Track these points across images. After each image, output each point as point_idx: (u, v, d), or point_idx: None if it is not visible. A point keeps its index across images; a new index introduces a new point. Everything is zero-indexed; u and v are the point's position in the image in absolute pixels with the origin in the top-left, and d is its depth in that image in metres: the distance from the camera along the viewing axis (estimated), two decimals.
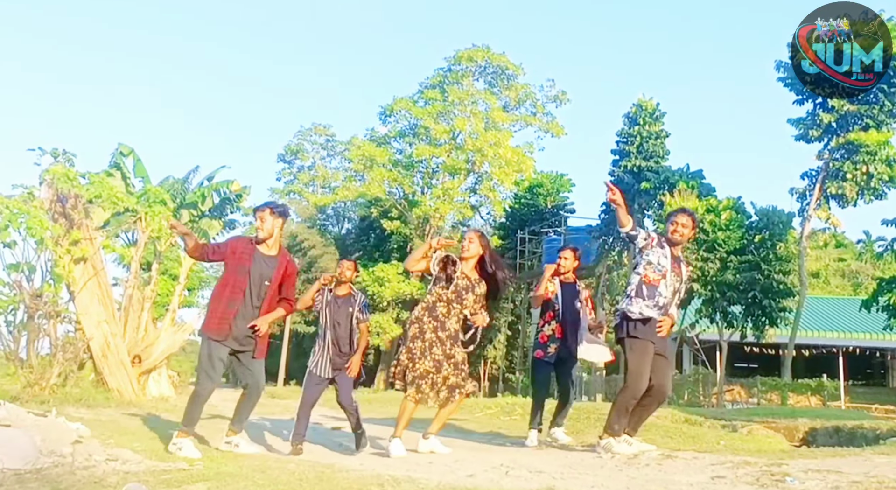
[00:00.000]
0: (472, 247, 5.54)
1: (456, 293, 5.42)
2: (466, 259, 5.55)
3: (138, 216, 11.97)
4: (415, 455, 5.34)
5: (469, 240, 5.57)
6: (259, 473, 3.72)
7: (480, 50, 34.44)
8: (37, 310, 9.46)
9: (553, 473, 4.33)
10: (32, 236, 9.26)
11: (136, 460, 4.01)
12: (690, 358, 26.93)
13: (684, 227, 5.47)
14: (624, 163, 27.00)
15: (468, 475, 4.20)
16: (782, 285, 21.45)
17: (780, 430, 8.36)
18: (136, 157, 20.60)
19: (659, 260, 5.42)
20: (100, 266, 10.52)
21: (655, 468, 4.55)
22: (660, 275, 5.39)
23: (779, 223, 21.94)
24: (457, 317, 5.45)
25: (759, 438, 7.53)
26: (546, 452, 5.74)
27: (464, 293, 5.43)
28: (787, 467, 4.27)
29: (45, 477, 3.40)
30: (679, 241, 5.50)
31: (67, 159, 10.36)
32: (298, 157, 46.79)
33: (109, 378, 10.36)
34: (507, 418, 9.75)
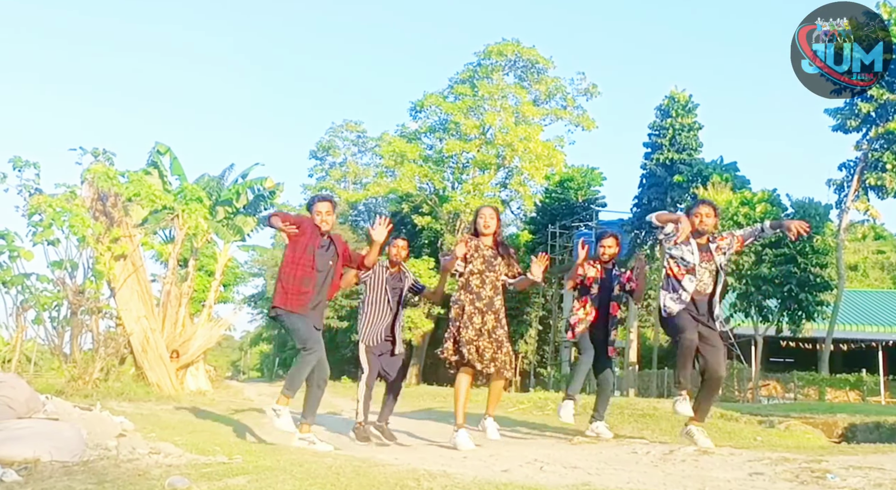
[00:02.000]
0: (492, 223, 5.81)
1: (484, 262, 5.69)
2: (487, 235, 5.81)
3: (175, 213, 12.17)
4: (450, 450, 5.37)
5: (490, 217, 5.81)
6: (297, 467, 3.76)
7: (510, 44, 34.29)
8: (79, 306, 9.68)
9: (588, 469, 4.31)
10: (75, 234, 9.47)
11: (178, 454, 4.08)
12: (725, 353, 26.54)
13: (708, 217, 5.56)
14: (656, 156, 26.71)
15: (503, 470, 4.20)
16: (819, 278, 21.06)
17: (818, 425, 8.21)
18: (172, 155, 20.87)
19: (683, 255, 5.52)
20: (139, 263, 10.73)
21: (692, 464, 4.50)
22: (685, 269, 5.50)
23: (816, 215, 21.55)
24: (492, 285, 5.66)
25: (797, 434, 7.41)
26: (581, 447, 5.71)
27: (493, 261, 5.72)
28: (827, 464, 4.20)
29: (91, 469, 3.48)
30: (704, 231, 5.57)
31: (107, 158, 10.58)
32: (330, 153, 47.11)
33: (149, 372, 10.57)
34: (539, 413, 9.73)
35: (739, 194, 22.11)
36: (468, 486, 3.35)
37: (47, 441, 3.64)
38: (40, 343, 9.78)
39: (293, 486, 3.22)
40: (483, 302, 5.59)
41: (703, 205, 5.67)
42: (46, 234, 9.25)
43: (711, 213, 5.58)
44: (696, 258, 5.50)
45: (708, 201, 5.79)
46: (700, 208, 5.62)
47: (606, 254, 6.54)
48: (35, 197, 9.37)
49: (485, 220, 5.80)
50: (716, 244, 5.68)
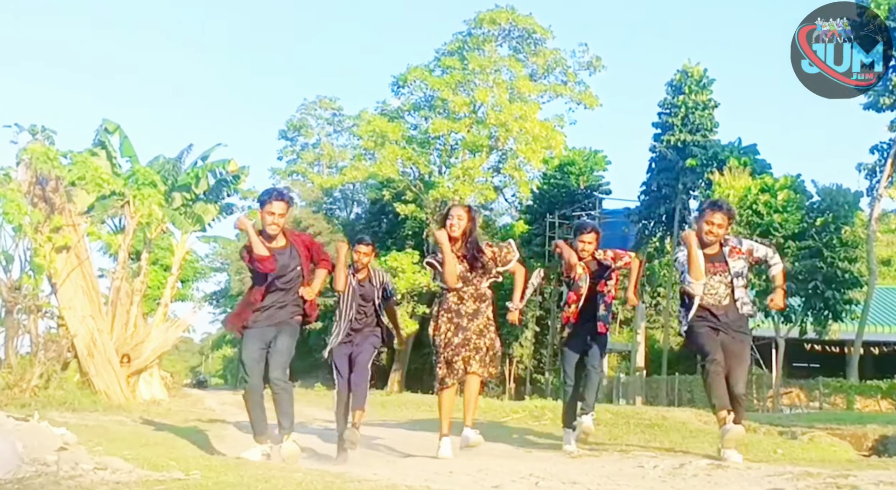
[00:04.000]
0: (460, 224, 5.79)
1: (461, 278, 5.75)
2: (455, 238, 5.80)
3: (126, 200, 12.10)
4: (434, 463, 5.38)
5: (458, 218, 5.80)
6: (262, 483, 3.75)
7: (504, 11, 34.25)
8: (15, 304, 9.61)
9: (588, 484, 4.32)
10: (9, 222, 9.40)
11: (127, 469, 4.05)
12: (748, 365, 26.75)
13: (719, 228, 5.53)
14: (667, 137, 26.78)
15: (494, 486, 4.21)
16: (848, 274, 21.22)
17: (845, 437, 8.27)
18: (122, 134, 20.67)
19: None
20: (84, 255, 10.66)
21: (704, 479, 4.52)
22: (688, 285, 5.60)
23: (844, 204, 21.68)
24: (472, 297, 5.76)
25: (822, 447, 7.47)
26: (581, 461, 5.74)
27: (468, 275, 5.77)
28: (855, 479, 4.23)
29: (27, 487, 3.45)
30: (711, 242, 5.55)
31: (47, 137, 10.48)
32: (302, 133, 46.99)
33: (96, 379, 10.52)
34: (536, 423, 9.76)
35: (759, 180, 22.20)
36: None
37: None
38: None
39: None
40: (465, 318, 5.72)
41: (717, 213, 5.54)
42: None
43: (724, 224, 5.53)
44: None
45: (723, 207, 5.64)
46: (713, 217, 5.52)
47: (585, 250, 6.37)
48: None
49: (452, 221, 5.78)
50: (729, 248, 5.64)
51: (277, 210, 5.21)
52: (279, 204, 5.24)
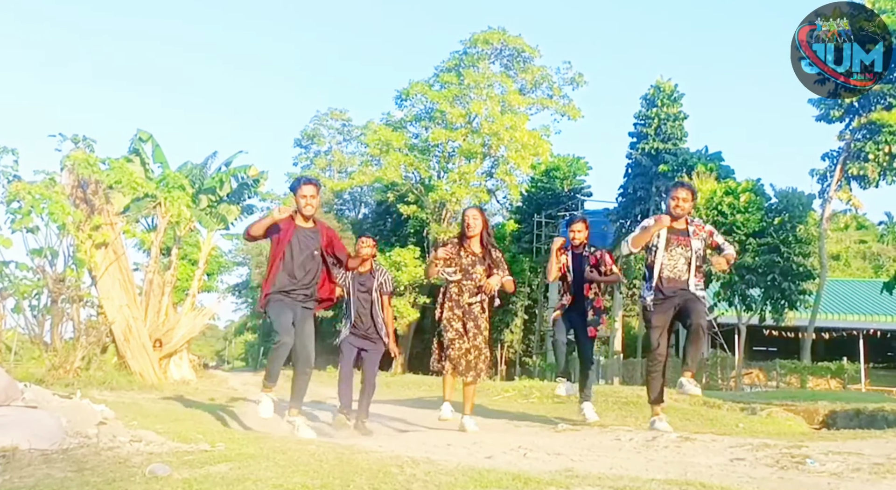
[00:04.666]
0: (476, 224, 5.86)
1: (462, 271, 5.80)
2: (472, 237, 5.87)
3: (157, 201, 12.07)
4: (434, 437, 5.39)
5: (473, 217, 5.87)
6: (280, 454, 3.75)
7: (496, 32, 34.16)
8: (60, 294, 9.59)
9: (571, 455, 4.33)
10: (54, 221, 9.37)
11: (160, 442, 4.05)
12: (708, 342, 26.77)
13: (685, 202, 5.62)
14: (642, 145, 26.76)
15: (486, 457, 4.22)
16: (802, 268, 21.24)
17: (799, 412, 8.29)
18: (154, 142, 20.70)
19: (654, 240, 5.59)
20: (121, 251, 10.63)
21: (674, 450, 4.54)
22: (651, 255, 5.61)
23: (799, 205, 21.68)
24: (469, 292, 5.80)
25: (779, 421, 7.49)
26: (565, 435, 5.75)
27: (470, 269, 5.81)
28: (807, 449, 4.25)
29: (71, 457, 3.45)
30: (680, 214, 5.62)
31: (87, 145, 10.46)
32: (315, 141, 46.88)
33: (131, 361, 10.50)
34: (524, 401, 9.77)
35: (724, 184, 22.19)
36: (451, 472, 3.36)
37: (26, 429, 3.61)
38: (20, 332, 9.69)
39: (275, 473, 3.21)
40: (462, 309, 5.76)
41: (681, 189, 5.69)
42: (25, 222, 9.14)
43: (689, 197, 5.63)
44: (662, 242, 5.53)
45: (686, 185, 5.83)
46: (678, 192, 5.65)
47: (577, 238, 6.65)
48: (13, 184, 9.25)
49: (468, 220, 5.86)
50: (694, 228, 5.69)
51: (308, 192, 5.32)
52: (309, 187, 5.34)
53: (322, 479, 3.11)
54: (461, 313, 5.75)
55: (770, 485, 3.35)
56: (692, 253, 5.59)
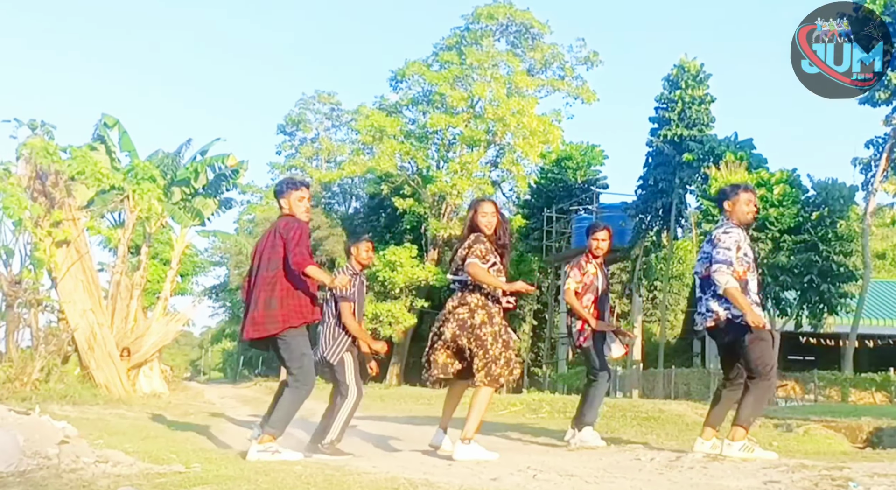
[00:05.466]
0: (494, 220, 5.71)
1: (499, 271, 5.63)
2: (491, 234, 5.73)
3: (125, 194, 12.08)
4: (434, 456, 5.39)
5: (493, 214, 5.71)
6: (262, 476, 3.76)
7: (502, 6, 34.17)
8: (16, 298, 9.60)
9: (585, 477, 4.33)
10: (10, 217, 9.38)
11: (129, 462, 4.06)
12: None
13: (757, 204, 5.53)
14: (664, 131, 26.74)
15: (492, 479, 4.22)
16: (843, 268, 21.24)
17: (840, 429, 8.30)
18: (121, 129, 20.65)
19: (746, 250, 5.29)
20: (84, 249, 10.65)
21: (700, 471, 4.54)
22: (746, 266, 5.26)
23: (839, 198, 21.67)
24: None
25: (817, 439, 7.50)
26: (578, 454, 5.75)
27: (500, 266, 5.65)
28: (849, 471, 4.25)
29: (29, 480, 3.45)
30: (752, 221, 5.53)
31: (47, 132, 10.45)
32: (300, 128, 46.88)
33: (96, 372, 10.51)
34: (533, 416, 9.79)
35: (755, 175, 22.17)
36: None
37: None
38: None
39: None
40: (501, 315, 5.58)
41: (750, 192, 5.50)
42: None
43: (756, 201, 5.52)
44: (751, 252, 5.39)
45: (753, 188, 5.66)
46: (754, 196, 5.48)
47: (601, 248, 6.56)
48: None
49: (487, 218, 5.64)
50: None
51: (306, 196, 5.51)
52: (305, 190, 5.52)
53: None
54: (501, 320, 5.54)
55: None
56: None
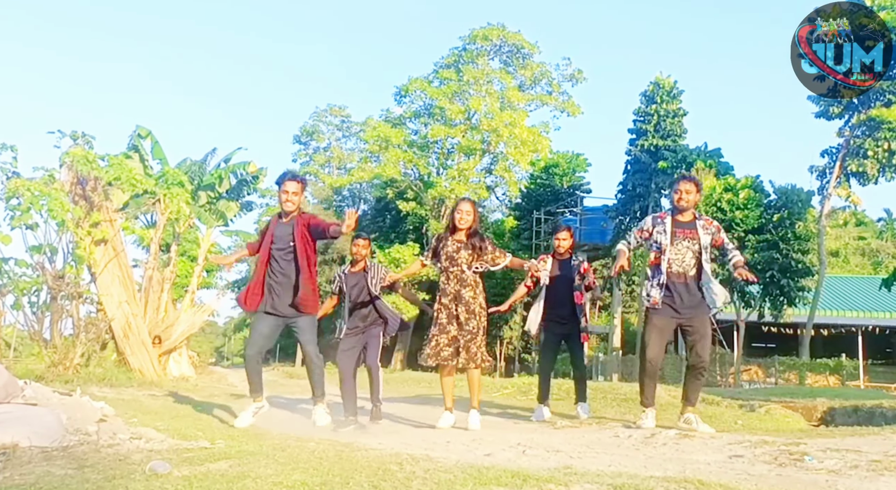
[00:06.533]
0: (468, 219, 5.84)
1: (448, 259, 5.78)
2: (462, 230, 5.86)
3: (157, 198, 12.05)
4: (433, 434, 5.40)
5: (466, 212, 5.84)
6: (279, 452, 3.77)
7: (495, 28, 34.12)
8: (59, 291, 9.58)
9: (570, 452, 4.34)
10: (54, 218, 9.35)
11: (160, 439, 4.07)
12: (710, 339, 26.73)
13: (688, 194, 5.59)
14: (641, 142, 26.75)
15: (486, 454, 4.23)
16: (801, 264, 21.27)
17: (798, 409, 8.30)
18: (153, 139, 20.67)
19: (657, 238, 5.55)
20: (120, 247, 10.63)
21: (673, 447, 4.55)
22: (658, 251, 5.57)
23: (798, 202, 21.70)
24: (456, 278, 5.74)
25: (777, 418, 7.50)
26: (563, 432, 5.76)
27: (455, 255, 5.78)
28: (805, 446, 4.26)
29: (71, 454, 3.46)
30: (685, 207, 5.61)
31: (86, 142, 10.43)
32: (314, 138, 46.83)
33: (131, 358, 10.50)
34: (523, 398, 9.79)
35: (723, 180, 22.19)
36: (451, 469, 3.37)
37: (26, 426, 3.62)
38: (20, 328, 9.66)
39: (275, 470, 3.22)
40: (448, 297, 5.71)
41: (685, 181, 5.65)
42: (24, 219, 9.13)
43: (693, 189, 5.60)
44: (667, 238, 5.50)
45: (690, 177, 5.77)
46: (681, 185, 5.62)
47: (562, 246, 6.81)
48: (12, 180, 9.23)
49: (461, 215, 5.83)
50: (702, 222, 5.68)
51: (290, 188, 5.31)
52: (292, 183, 5.33)
53: (322, 476, 3.12)
54: (448, 302, 5.68)
55: (768, 482, 3.36)
56: (700, 246, 5.56)
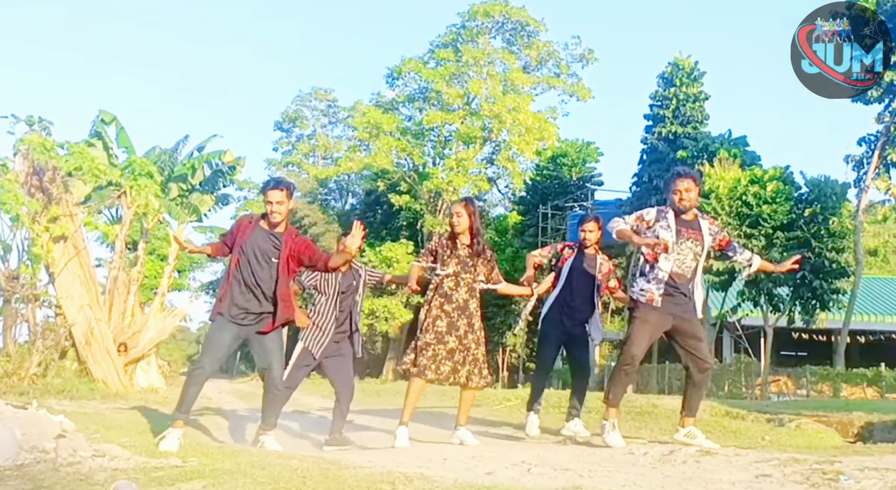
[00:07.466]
0: (462, 221, 5.83)
1: (461, 263, 5.75)
2: (461, 233, 5.85)
3: (122, 190, 12.05)
4: (428, 451, 5.39)
5: (457, 214, 5.86)
6: (258, 470, 3.76)
7: (498, 3, 34.12)
8: (13, 293, 9.57)
9: (579, 471, 4.34)
10: (7, 213, 9.36)
11: (125, 456, 4.06)
12: (732, 345, 26.85)
13: (688, 192, 5.60)
14: (658, 129, 26.78)
15: (487, 473, 4.23)
16: (835, 264, 21.31)
17: (832, 424, 8.31)
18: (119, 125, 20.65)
19: (659, 233, 5.55)
20: (81, 245, 10.61)
21: (693, 466, 4.55)
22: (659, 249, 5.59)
23: (832, 195, 21.73)
24: (467, 286, 5.74)
25: (809, 433, 7.51)
26: (572, 448, 5.77)
27: (468, 262, 5.77)
28: (840, 465, 4.26)
29: (26, 474, 3.45)
30: (687, 207, 5.62)
31: (44, 128, 10.42)
32: (297, 124, 46.85)
33: (94, 367, 10.49)
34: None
35: (749, 172, 22.22)
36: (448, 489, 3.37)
37: None
38: None
39: None
40: (454, 305, 5.68)
41: (683, 180, 5.63)
42: None
43: (692, 187, 5.60)
44: (672, 235, 5.53)
45: (686, 173, 5.75)
46: (679, 184, 5.60)
47: (588, 239, 6.67)
48: None
49: (452, 218, 5.86)
50: (705, 222, 5.72)
51: (274, 198, 5.23)
52: (275, 193, 5.24)
53: None
54: (452, 310, 5.65)
55: None
56: (702, 248, 5.61)
